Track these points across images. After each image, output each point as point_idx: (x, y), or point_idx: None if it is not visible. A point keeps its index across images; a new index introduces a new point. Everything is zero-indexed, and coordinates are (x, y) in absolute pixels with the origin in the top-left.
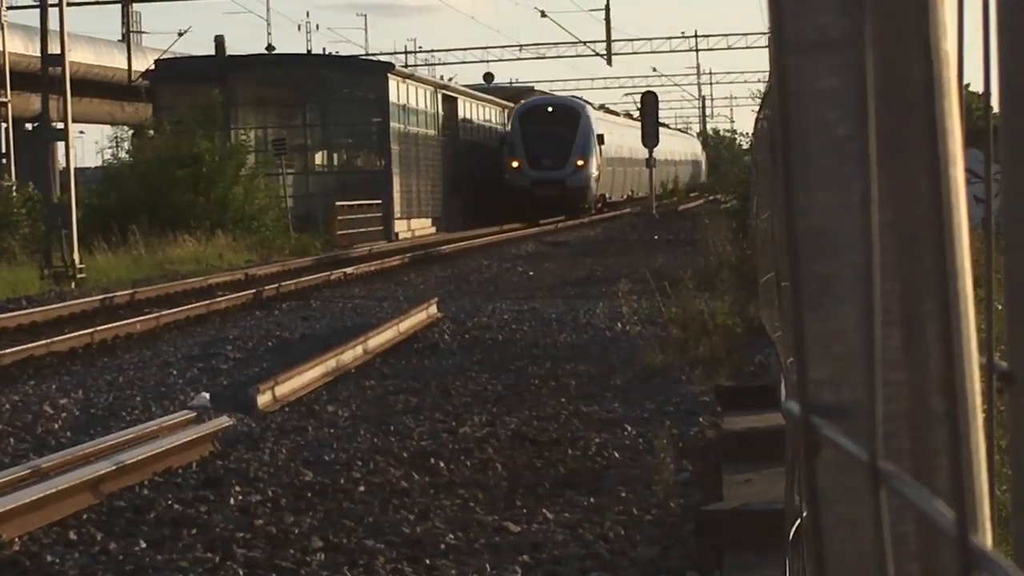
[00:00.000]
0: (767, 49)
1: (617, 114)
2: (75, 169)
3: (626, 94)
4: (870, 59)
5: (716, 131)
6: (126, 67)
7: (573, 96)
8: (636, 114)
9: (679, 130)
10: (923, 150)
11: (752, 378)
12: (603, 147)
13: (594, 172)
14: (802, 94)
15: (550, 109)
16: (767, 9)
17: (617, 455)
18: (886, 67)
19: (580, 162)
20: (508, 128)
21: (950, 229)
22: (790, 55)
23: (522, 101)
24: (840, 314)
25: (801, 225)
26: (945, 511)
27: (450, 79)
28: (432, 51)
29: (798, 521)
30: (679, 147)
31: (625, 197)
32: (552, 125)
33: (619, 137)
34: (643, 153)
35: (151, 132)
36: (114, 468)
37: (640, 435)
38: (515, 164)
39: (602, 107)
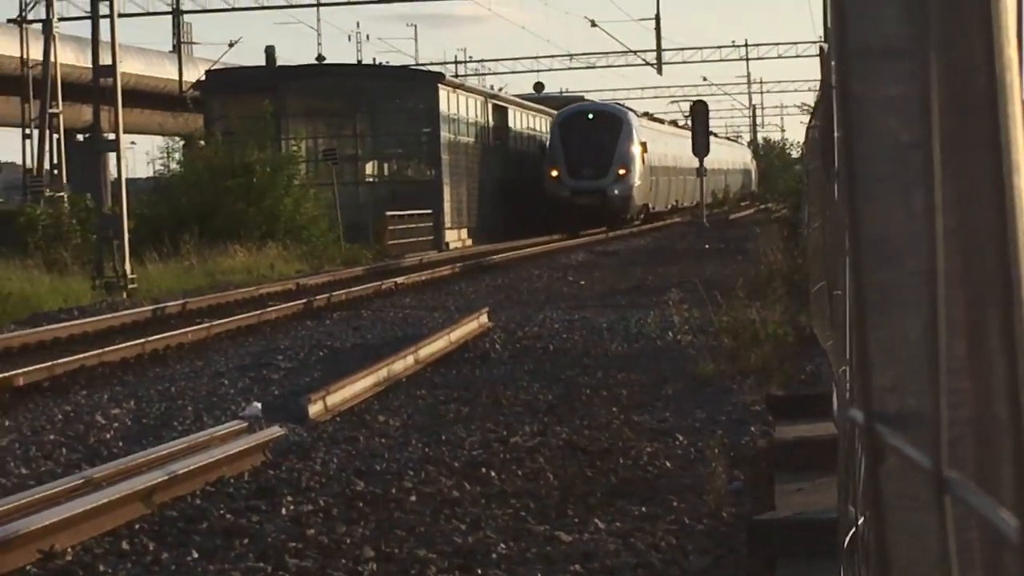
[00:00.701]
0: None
1: (661, 121)
2: (126, 180)
3: (672, 102)
4: (934, 66)
5: (767, 140)
6: (177, 78)
7: (616, 103)
8: (682, 122)
9: (729, 139)
10: (987, 158)
11: (804, 387)
12: (646, 155)
13: (636, 181)
14: (865, 101)
15: (591, 116)
16: (831, 17)
17: (668, 464)
18: (950, 74)
19: (622, 171)
20: (548, 136)
21: (1014, 237)
22: (853, 62)
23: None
24: (903, 322)
25: (864, 233)
26: (1010, 519)
27: (500, 89)
28: (482, 61)
29: (852, 530)
30: (729, 156)
31: (669, 207)
32: (593, 133)
33: (663, 145)
34: (690, 162)
35: (202, 143)
36: (166, 478)
37: (691, 444)
38: (554, 173)
39: (646, 114)
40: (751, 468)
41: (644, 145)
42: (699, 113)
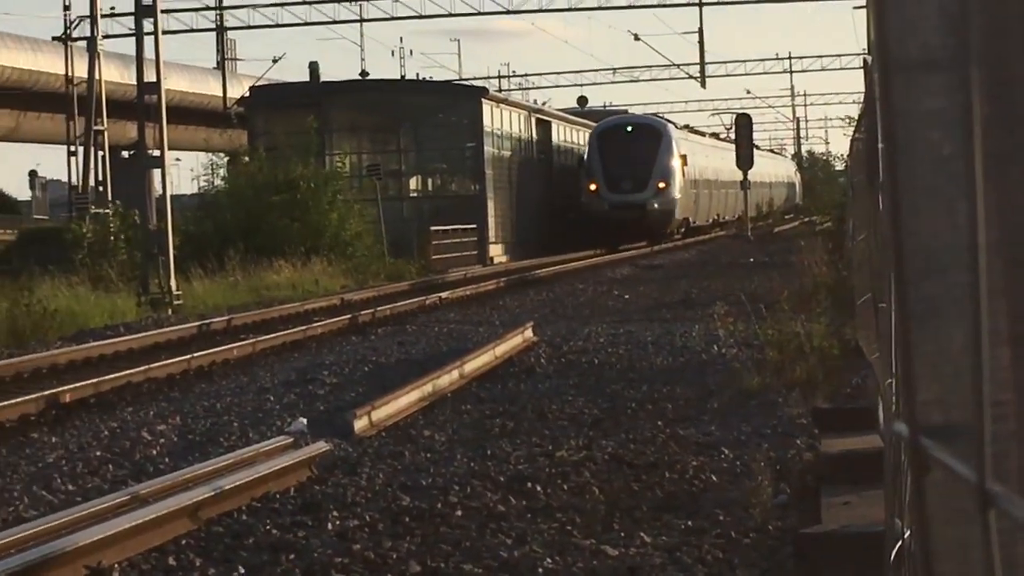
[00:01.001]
0: (862, 71)
1: (702, 134)
2: (171, 196)
3: (712, 114)
4: (976, 78)
5: (811, 153)
6: (221, 94)
7: (656, 115)
8: (724, 134)
9: (772, 152)
10: None
11: (849, 400)
12: (687, 168)
13: (677, 195)
14: (907, 114)
15: (630, 128)
16: (872, 30)
17: (714, 478)
18: (991, 86)
19: (662, 184)
20: (585, 149)
21: None
22: (895, 75)
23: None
24: (947, 334)
25: (907, 245)
26: None
27: (544, 103)
28: (525, 75)
29: (899, 543)
30: (772, 169)
31: (711, 221)
32: (632, 145)
33: (704, 158)
34: (731, 175)
35: (246, 158)
36: (212, 494)
37: (737, 458)
38: (592, 187)
39: (686, 127)
40: (797, 481)
41: (684, 158)
42: (743, 126)
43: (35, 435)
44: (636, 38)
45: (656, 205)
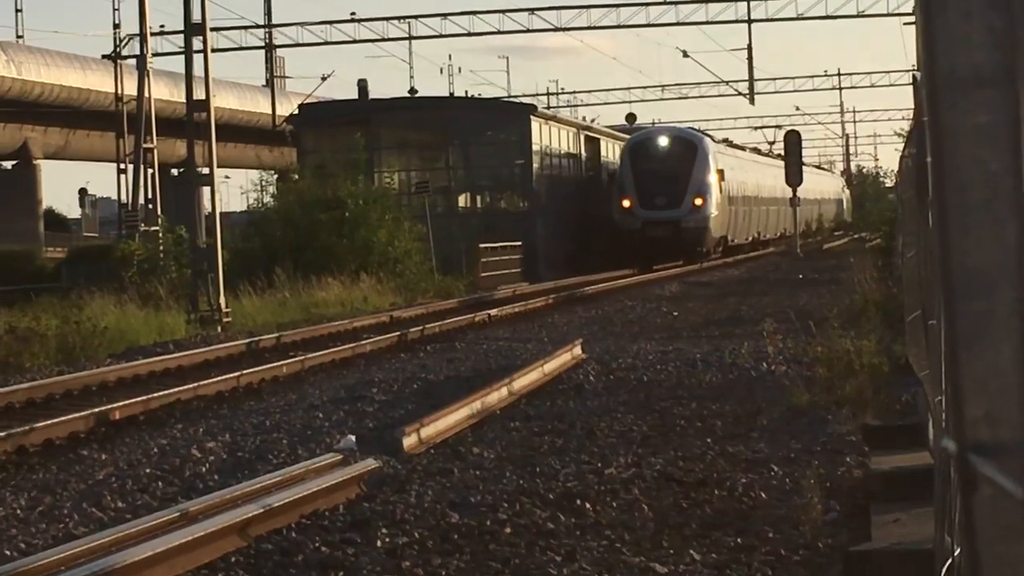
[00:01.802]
0: (911, 87)
1: (742, 148)
2: (220, 213)
3: (755, 128)
4: None
5: (860, 169)
6: (270, 112)
7: (692, 128)
8: (767, 149)
9: (820, 168)
10: None
11: (899, 417)
12: (724, 184)
13: (713, 212)
14: (955, 131)
15: (664, 142)
16: (919, 47)
17: (764, 495)
18: None
19: (698, 201)
20: (618, 163)
21: None
22: (943, 92)
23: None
24: (996, 351)
25: (955, 262)
26: None
27: (592, 120)
28: (574, 92)
29: (949, 561)
30: (820, 185)
31: (750, 239)
32: (666, 160)
33: (743, 173)
34: (773, 191)
35: (295, 176)
36: (261, 511)
37: (787, 475)
38: (625, 203)
39: (725, 140)
40: (847, 499)
41: (721, 173)
42: (792, 143)
43: (85, 452)
44: (685, 55)
45: (691, 223)
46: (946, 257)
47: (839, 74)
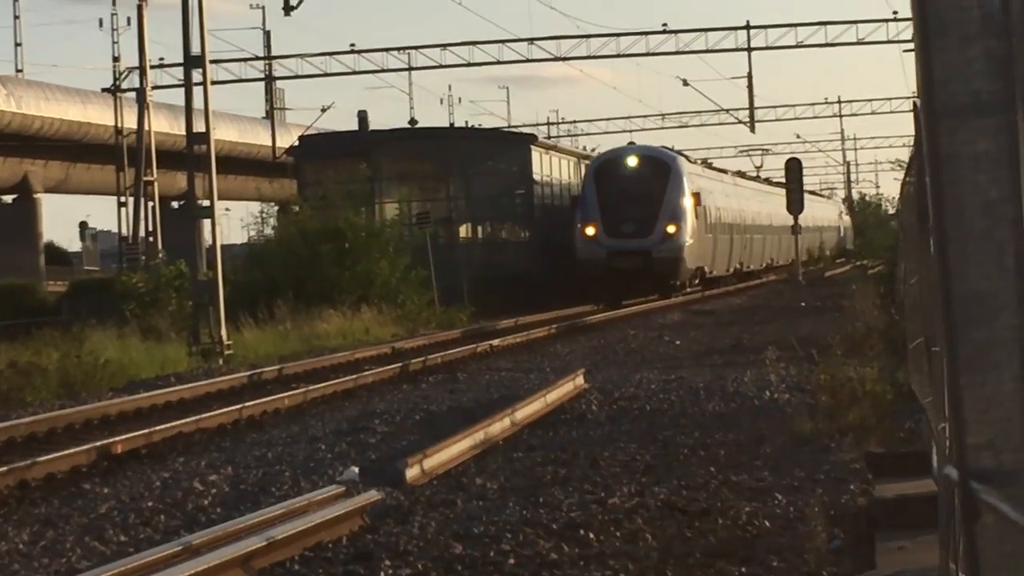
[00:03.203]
0: (912, 114)
1: (723, 171)
2: (221, 246)
3: (740, 151)
4: (1022, 122)
5: (862, 196)
6: (270, 144)
7: (665, 147)
8: (754, 172)
9: (819, 195)
10: None
11: (903, 445)
12: (700, 209)
13: (688, 240)
14: (954, 158)
15: (633, 162)
16: (917, 74)
17: (768, 524)
18: None
19: (671, 228)
20: (581, 185)
21: None
22: (942, 119)
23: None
24: (998, 378)
25: (956, 289)
26: None
27: (593, 149)
28: (574, 122)
29: None
30: (819, 213)
31: (732, 271)
32: (636, 182)
33: (724, 197)
34: (761, 218)
35: (296, 208)
36: (264, 544)
37: (791, 503)
38: (589, 231)
39: (704, 161)
40: (851, 527)
41: (697, 196)
42: (793, 170)
43: (87, 486)
44: (685, 83)
45: (663, 252)
46: (946, 284)
47: (839, 101)
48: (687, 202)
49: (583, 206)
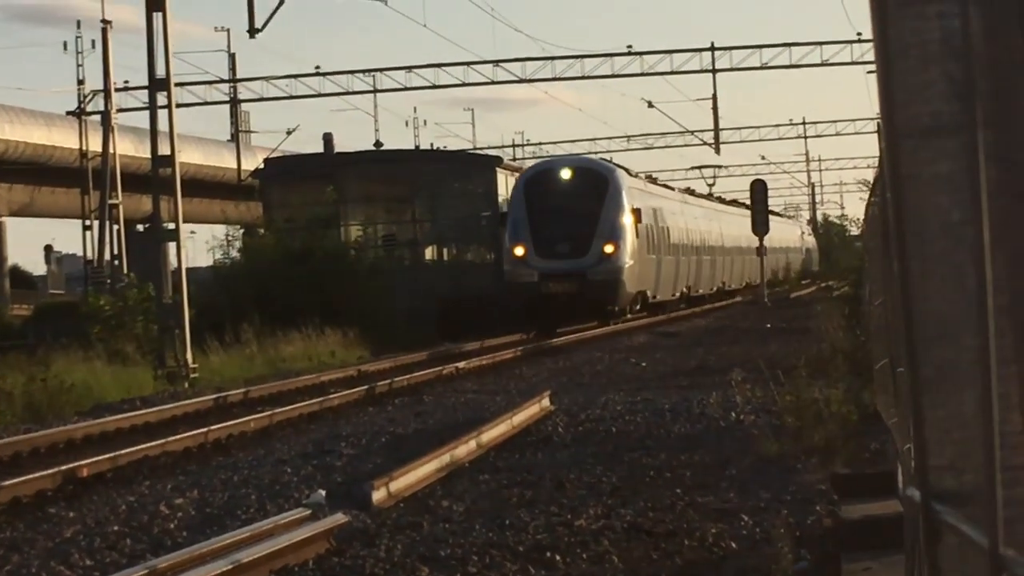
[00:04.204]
0: (876, 135)
1: (668, 187)
2: (187, 269)
3: (692, 168)
4: (981, 143)
5: (826, 217)
6: (236, 166)
7: (604, 159)
8: (707, 191)
9: (780, 215)
10: None
11: (869, 465)
12: (641, 227)
13: (628, 261)
14: (915, 179)
15: (566, 175)
16: (877, 96)
17: (734, 545)
18: (998, 150)
19: (609, 248)
20: (509, 201)
21: None
22: (903, 140)
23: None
24: (959, 399)
25: (917, 310)
26: None
27: None
28: (539, 144)
29: None
30: (782, 234)
31: (678, 295)
32: (569, 197)
33: (670, 216)
34: (712, 238)
35: (261, 230)
36: (230, 567)
37: (757, 525)
38: (519, 251)
39: (649, 177)
40: (817, 548)
41: (638, 213)
42: (758, 191)
43: (52, 510)
44: (650, 105)
45: (600, 275)
46: (908, 305)
47: (804, 123)
48: (627, 219)
49: (512, 224)
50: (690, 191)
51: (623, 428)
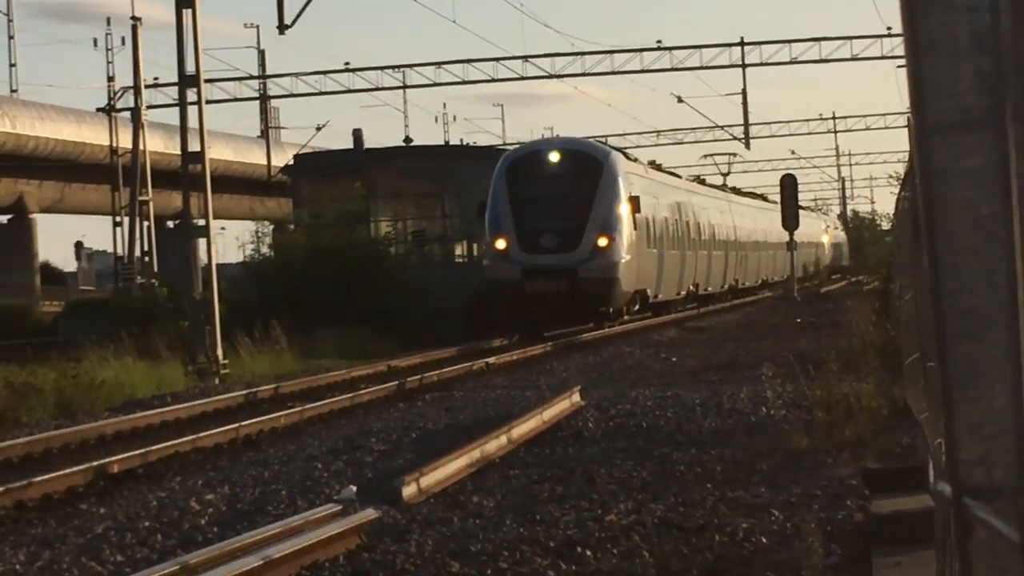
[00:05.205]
0: (906, 129)
1: (675, 174)
2: (217, 265)
3: (703, 156)
4: (1012, 137)
5: (856, 212)
6: (265, 162)
7: (599, 140)
8: (718, 180)
9: (809, 209)
10: None
11: (899, 460)
12: (640, 217)
13: (624, 256)
14: (945, 173)
15: (554, 158)
16: (907, 90)
17: (764, 540)
18: None
19: (603, 241)
20: (490, 189)
21: None
22: (932, 135)
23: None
24: (989, 394)
25: (948, 305)
26: None
27: None
28: None
29: None
30: (809, 228)
31: (683, 294)
32: (558, 183)
33: (675, 206)
34: (724, 231)
35: (291, 226)
36: (261, 563)
37: (787, 519)
38: (500, 244)
39: (652, 163)
40: (848, 542)
41: (636, 201)
42: (788, 186)
43: (84, 506)
44: (679, 100)
45: (593, 272)
46: (938, 300)
47: (834, 117)
48: (623, 209)
49: (492, 213)
50: (700, 180)
51: (653, 423)
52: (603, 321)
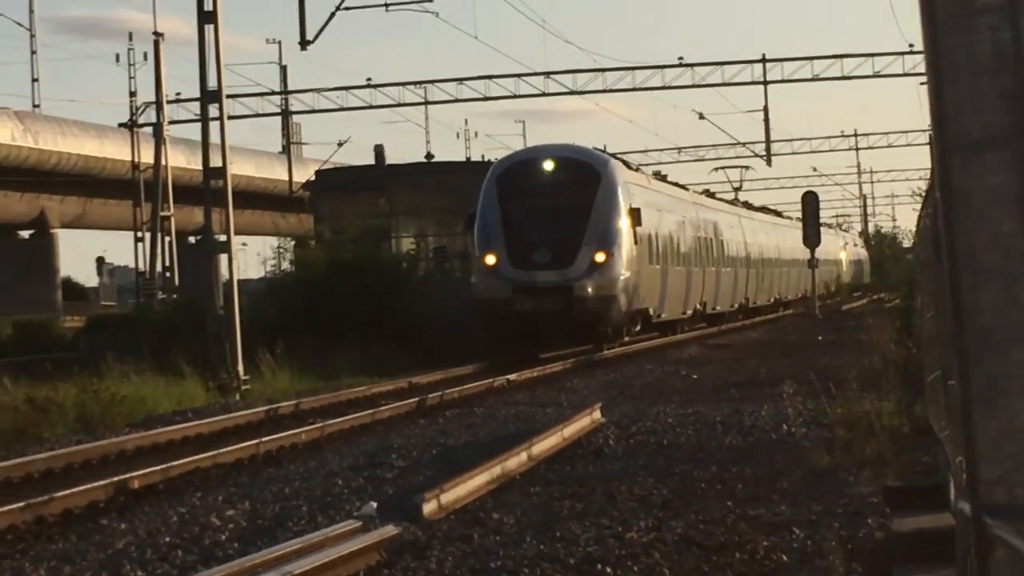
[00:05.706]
0: (928, 147)
1: (681, 185)
2: (238, 281)
3: (714, 169)
4: None
5: (879, 229)
6: (287, 178)
7: (597, 148)
8: (731, 193)
9: (828, 227)
10: None
11: (920, 478)
12: (641, 231)
13: (623, 272)
14: (966, 192)
15: (548, 166)
16: (929, 108)
17: (785, 558)
18: None
19: (600, 256)
20: (479, 200)
21: None
22: (953, 153)
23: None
24: (1011, 412)
25: (969, 323)
26: None
27: None
28: None
29: None
30: (828, 246)
31: (689, 313)
32: (552, 194)
33: (680, 219)
34: (733, 247)
35: (313, 242)
36: None
37: (808, 538)
38: (489, 260)
39: (657, 174)
40: (869, 561)
41: (637, 214)
42: (810, 204)
43: (104, 521)
44: (701, 117)
45: (589, 289)
46: (959, 318)
47: (856, 135)
48: (623, 222)
49: (481, 226)
50: (709, 193)
51: (674, 440)
52: (601, 343)
